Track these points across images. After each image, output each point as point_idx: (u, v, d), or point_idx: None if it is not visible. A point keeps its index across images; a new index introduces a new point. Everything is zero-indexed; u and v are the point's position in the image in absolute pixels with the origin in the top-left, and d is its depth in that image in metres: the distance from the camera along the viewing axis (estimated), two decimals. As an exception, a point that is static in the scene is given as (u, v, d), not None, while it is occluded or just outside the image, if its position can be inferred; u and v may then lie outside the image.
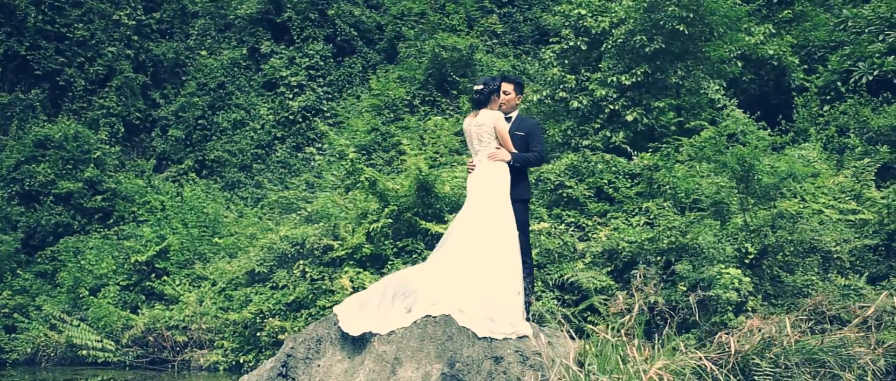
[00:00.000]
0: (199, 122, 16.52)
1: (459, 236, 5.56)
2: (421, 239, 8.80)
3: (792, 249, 7.03)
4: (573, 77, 10.88)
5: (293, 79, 16.60)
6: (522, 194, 5.97)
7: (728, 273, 6.92)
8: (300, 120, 16.29)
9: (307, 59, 16.91)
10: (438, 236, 8.85)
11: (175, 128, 16.47)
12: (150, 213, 12.96)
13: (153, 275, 11.58)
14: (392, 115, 13.57)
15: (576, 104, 10.82)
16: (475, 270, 5.33)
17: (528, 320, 5.49)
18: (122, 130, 16.01)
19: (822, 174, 8.53)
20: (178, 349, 10.10)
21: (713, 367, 4.72)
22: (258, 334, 8.96)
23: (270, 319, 8.91)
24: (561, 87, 11.17)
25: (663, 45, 10.23)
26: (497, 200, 5.68)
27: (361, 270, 8.94)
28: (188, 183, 14.84)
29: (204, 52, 17.34)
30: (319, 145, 14.65)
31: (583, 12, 11.08)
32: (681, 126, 10.10)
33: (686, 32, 10.09)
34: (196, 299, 10.72)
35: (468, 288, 5.23)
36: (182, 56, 17.33)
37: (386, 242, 8.92)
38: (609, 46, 10.80)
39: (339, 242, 9.15)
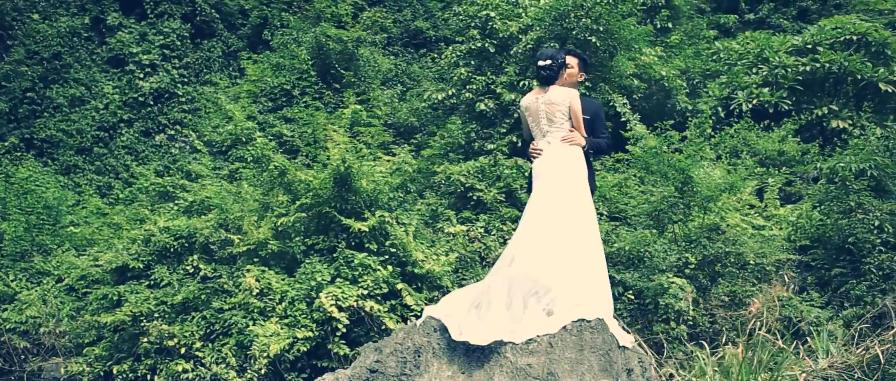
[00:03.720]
0: (28, 95, 14.30)
1: (558, 225, 4.77)
2: (337, 236, 7.99)
3: (731, 260, 7.17)
4: (482, 78, 10.60)
5: (145, 57, 14.87)
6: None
7: (673, 282, 6.92)
8: (151, 102, 14.61)
9: (162, 38, 15.24)
10: (357, 235, 8.09)
11: (-4, 99, 14.15)
12: (-28, 194, 10.92)
13: (-22, 268, 9.72)
14: (270, 103, 12.50)
15: (482, 107, 10.54)
16: (594, 267, 4.64)
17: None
18: (-73, 95, 13.51)
19: (726, 192, 8.85)
20: (22, 357, 8.44)
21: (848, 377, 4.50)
22: (141, 340, 7.66)
23: (155, 322, 7.67)
24: (467, 88, 10.86)
25: (573, 56, 10.25)
26: (583, 188, 5.05)
27: (266, 268, 7.98)
28: (15, 163, 12.75)
29: (36, 16, 15.07)
30: (183, 130, 13.19)
31: (491, 14, 10.87)
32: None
33: (597, 45, 10.18)
34: (38, 297, 9.12)
35: (600, 288, 4.54)
36: (8, 17, 14.93)
37: (296, 238, 8.03)
38: (517, 51, 10.66)
39: (241, 237, 8.12)
